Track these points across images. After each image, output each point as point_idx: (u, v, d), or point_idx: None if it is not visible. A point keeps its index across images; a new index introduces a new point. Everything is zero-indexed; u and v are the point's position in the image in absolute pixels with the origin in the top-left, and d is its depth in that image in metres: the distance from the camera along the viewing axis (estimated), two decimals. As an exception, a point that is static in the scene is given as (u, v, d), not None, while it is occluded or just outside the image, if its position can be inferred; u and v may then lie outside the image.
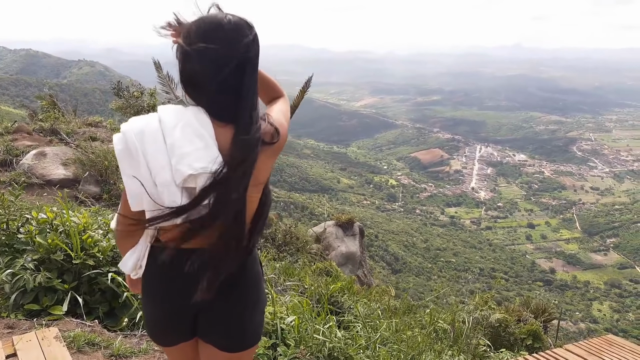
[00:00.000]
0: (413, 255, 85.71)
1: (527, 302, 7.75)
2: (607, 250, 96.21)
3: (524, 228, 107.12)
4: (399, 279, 73.44)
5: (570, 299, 76.49)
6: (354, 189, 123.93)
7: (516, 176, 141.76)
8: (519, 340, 5.78)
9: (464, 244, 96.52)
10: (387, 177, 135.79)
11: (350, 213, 21.43)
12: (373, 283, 22.93)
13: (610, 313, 73.85)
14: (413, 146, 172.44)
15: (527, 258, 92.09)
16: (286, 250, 8.66)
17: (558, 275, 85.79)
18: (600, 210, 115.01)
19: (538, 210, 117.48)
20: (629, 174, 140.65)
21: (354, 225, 18.36)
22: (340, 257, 16.90)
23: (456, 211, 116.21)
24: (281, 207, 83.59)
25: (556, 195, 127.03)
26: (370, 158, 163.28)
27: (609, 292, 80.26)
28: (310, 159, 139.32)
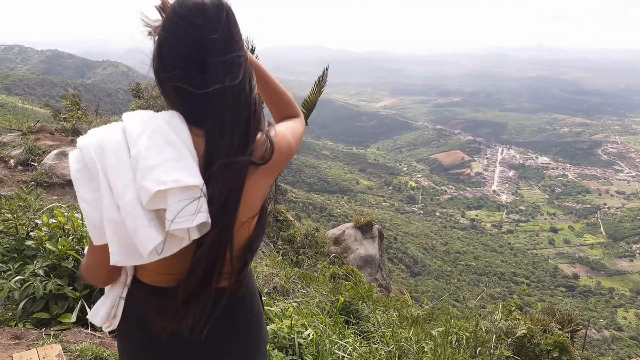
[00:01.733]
0: (432, 258, 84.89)
1: (553, 311, 7.48)
2: (633, 256, 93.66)
3: (547, 232, 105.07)
4: (418, 282, 72.81)
5: (594, 306, 74.69)
6: (373, 191, 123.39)
7: (539, 179, 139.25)
8: (544, 352, 5.56)
9: (484, 247, 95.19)
10: (407, 178, 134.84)
11: (369, 215, 21.23)
12: (392, 286, 22.68)
13: (635, 321, 71.82)
14: (433, 148, 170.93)
15: (549, 263, 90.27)
16: (305, 253, 8.54)
17: (582, 281, 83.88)
18: (626, 215, 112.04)
19: (561, 214, 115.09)
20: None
21: (373, 227, 18.17)
22: (359, 260, 16.73)
23: (477, 214, 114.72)
24: (300, 208, 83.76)
25: (580, 199, 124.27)
26: (390, 159, 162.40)
27: (634, 299, 78.13)
28: (329, 160, 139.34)
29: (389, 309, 5.05)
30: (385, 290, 19.52)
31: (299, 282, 4.68)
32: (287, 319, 2.90)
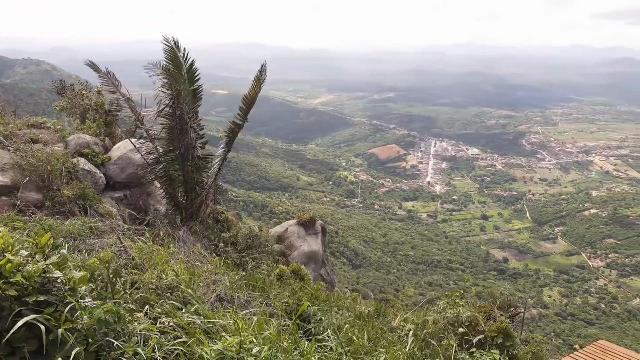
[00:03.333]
0: (373, 250, 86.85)
1: (494, 297, 7.74)
2: (555, 238, 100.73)
3: (478, 220, 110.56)
4: (360, 274, 74.32)
5: (522, 287, 79.61)
6: (313, 186, 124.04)
7: (469, 170, 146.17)
8: (489, 339, 5.70)
9: (421, 237, 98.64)
10: (346, 173, 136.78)
11: (310, 211, 21.20)
12: (335, 280, 22.81)
13: (559, 298, 77.48)
14: (370, 142, 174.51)
15: (481, 249, 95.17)
16: (248, 254, 8.29)
17: (511, 264, 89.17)
18: (549, 200, 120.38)
19: (491, 202, 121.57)
20: (574, 165, 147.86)
21: (315, 223, 18.10)
22: (303, 256, 16.61)
23: (413, 205, 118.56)
24: (241, 207, 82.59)
25: (507, 187, 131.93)
26: (329, 155, 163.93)
27: (557, 278, 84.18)
28: (269, 157, 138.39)
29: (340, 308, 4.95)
30: (330, 285, 19.59)
31: (244, 287, 4.45)
32: (235, 336, 2.66)
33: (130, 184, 11.18)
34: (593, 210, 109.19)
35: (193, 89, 9.62)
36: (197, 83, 9.81)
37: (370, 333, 4.27)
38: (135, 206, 10.89)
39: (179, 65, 9.08)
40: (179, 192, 10.00)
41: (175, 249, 5.60)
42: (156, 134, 9.69)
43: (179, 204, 9.99)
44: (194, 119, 9.51)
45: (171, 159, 9.58)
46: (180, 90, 9.05)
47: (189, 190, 9.68)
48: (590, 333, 66.57)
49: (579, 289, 80.00)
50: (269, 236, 15.54)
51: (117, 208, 9.94)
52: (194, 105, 9.63)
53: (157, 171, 9.60)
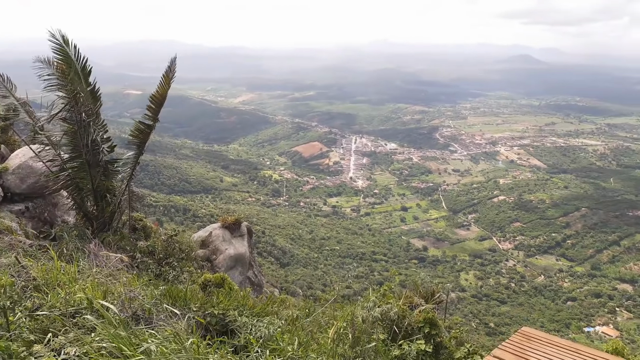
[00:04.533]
0: (300, 247, 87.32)
1: (417, 287, 7.99)
2: (469, 225, 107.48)
3: (399, 211, 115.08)
4: (288, 272, 74.38)
5: (441, 273, 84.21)
6: (238, 187, 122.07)
7: (389, 164, 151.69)
8: (416, 330, 5.85)
9: (346, 231, 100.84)
10: (271, 172, 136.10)
11: (236, 212, 20.72)
12: (264, 281, 22.53)
13: (475, 281, 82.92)
14: (293, 141, 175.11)
15: (402, 239, 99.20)
16: (169, 263, 7.82)
17: (430, 252, 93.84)
18: (462, 190, 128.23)
19: (409, 194, 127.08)
20: (482, 155, 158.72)
21: (241, 225, 17.70)
22: (229, 260, 16.18)
23: (337, 201, 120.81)
24: (161, 212, 79.21)
25: (424, 179, 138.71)
26: (253, 154, 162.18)
27: (473, 262, 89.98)
28: (189, 159, 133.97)
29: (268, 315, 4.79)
30: (258, 287, 19.29)
31: (165, 301, 4.13)
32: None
33: (32, 195, 10.18)
34: (501, 197, 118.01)
35: (91, 89, 8.87)
36: (94, 83, 9.03)
37: (301, 337, 4.17)
38: (40, 219, 9.95)
39: (70, 64, 8.32)
40: (88, 202, 9.25)
41: (86, 265, 5.12)
42: (59, 139, 8.87)
43: (89, 214, 9.24)
44: (97, 122, 8.81)
45: (77, 166, 8.82)
46: (76, 91, 8.32)
47: (99, 199, 8.98)
48: (503, 311, 71.94)
49: (492, 271, 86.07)
50: (192, 241, 14.95)
51: (18, 222, 9.00)
52: (95, 106, 8.89)
53: (61, 180, 8.80)
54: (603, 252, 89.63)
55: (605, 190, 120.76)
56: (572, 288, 79.09)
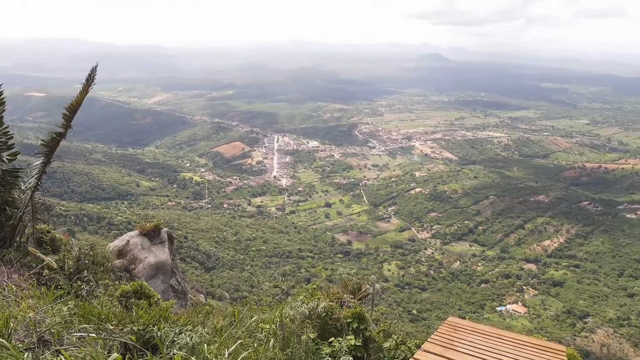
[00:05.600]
0: (225, 249, 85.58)
1: (345, 282, 8.10)
2: (389, 217, 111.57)
3: (323, 208, 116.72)
4: (213, 276, 72.62)
5: (365, 265, 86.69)
6: (156, 191, 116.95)
7: (311, 161, 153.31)
8: (345, 325, 5.92)
9: (272, 230, 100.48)
10: (191, 174, 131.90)
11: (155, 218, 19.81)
12: (188, 288, 21.78)
13: (397, 270, 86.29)
14: (214, 141, 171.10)
15: (327, 234, 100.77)
16: (82, 277, 7.23)
17: (354, 246, 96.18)
18: (381, 184, 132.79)
19: (333, 190, 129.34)
20: (399, 150, 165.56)
21: (161, 231, 16.93)
22: (149, 269, 15.41)
23: (262, 200, 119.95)
24: (72, 222, 73.83)
25: (346, 175, 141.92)
26: (171, 157, 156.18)
27: (394, 253, 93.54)
28: (102, 164, 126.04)
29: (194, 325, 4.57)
30: (182, 294, 18.58)
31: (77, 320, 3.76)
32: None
33: None
34: (417, 189, 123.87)
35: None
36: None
37: (229, 345, 4.04)
38: None
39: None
40: (-16, 216, 8.31)
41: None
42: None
43: (-14, 230, 8.31)
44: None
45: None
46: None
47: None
48: (424, 297, 75.63)
49: (412, 260, 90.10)
50: (108, 252, 14.05)
51: None
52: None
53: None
54: (510, 236, 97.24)
55: (510, 179, 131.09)
56: (484, 271, 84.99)
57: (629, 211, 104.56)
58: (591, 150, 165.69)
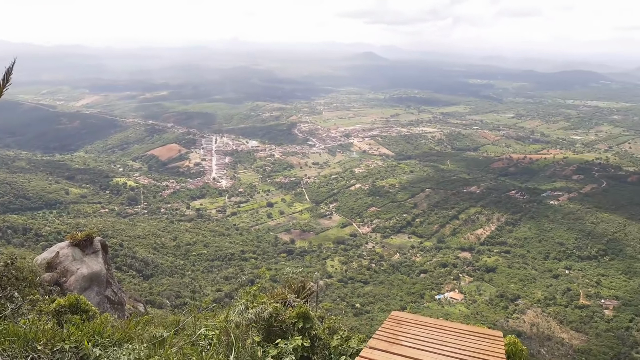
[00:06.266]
0: (164, 255, 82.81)
1: (289, 282, 8.08)
2: (331, 214, 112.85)
3: (265, 208, 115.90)
4: (153, 284, 70.06)
5: (309, 262, 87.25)
6: (87, 198, 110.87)
7: (251, 162, 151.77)
8: (290, 326, 5.90)
9: (213, 233, 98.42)
10: (125, 179, 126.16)
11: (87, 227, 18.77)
12: (125, 298, 20.83)
13: (340, 266, 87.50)
14: (148, 144, 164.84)
15: (270, 234, 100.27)
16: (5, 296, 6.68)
17: (297, 244, 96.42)
18: (322, 181, 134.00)
19: (274, 190, 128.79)
20: (338, 148, 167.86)
21: (94, 241, 16.08)
22: (82, 280, 14.58)
23: (201, 203, 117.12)
24: (-8, 235, 68.43)
25: (287, 174, 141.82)
26: (103, 162, 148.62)
27: (337, 248, 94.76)
28: (27, 172, 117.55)
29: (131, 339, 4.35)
30: (119, 305, 17.74)
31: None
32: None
33: None
34: (357, 185, 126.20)
35: None
36: None
37: (170, 357, 3.89)
38: None
39: None
40: None
41: None
42: None
43: None
44: None
45: None
46: None
47: None
48: (367, 291, 77.29)
49: (354, 255, 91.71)
50: (35, 265, 13.15)
51: None
52: None
53: None
54: (446, 227, 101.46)
55: (444, 172, 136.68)
56: (423, 261, 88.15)
57: (552, 198, 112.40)
58: (517, 142, 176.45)
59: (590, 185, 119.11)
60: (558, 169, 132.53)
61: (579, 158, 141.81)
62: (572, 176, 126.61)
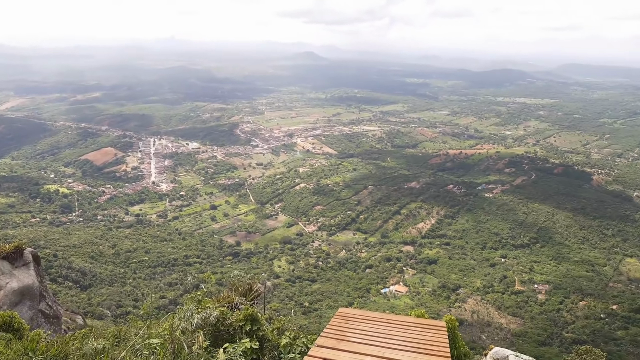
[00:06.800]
0: (102, 264, 79.14)
1: (236, 285, 8.00)
2: (276, 214, 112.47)
3: (208, 211, 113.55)
4: (91, 294, 66.80)
5: (256, 264, 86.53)
6: (15, 208, 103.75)
7: (193, 164, 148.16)
8: (238, 329, 5.86)
9: (154, 239, 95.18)
10: (57, 186, 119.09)
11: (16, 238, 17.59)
12: (61, 311, 19.74)
13: (287, 266, 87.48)
14: (81, 148, 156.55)
15: (215, 238, 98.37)
16: None
17: (243, 246, 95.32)
18: (266, 182, 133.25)
19: (217, 192, 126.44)
20: (282, 147, 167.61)
21: (24, 253, 15.11)
22: (12, 295, 13.66)
23: (141, 208, 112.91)
24: None
25: (230, 175, 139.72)
26: (32, 168, 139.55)
27: (283, 248, 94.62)
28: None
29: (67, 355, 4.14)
30: (55, 319, 16.79)
31: None
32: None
33: None
34: (302, 185, 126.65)
35: None
36: None
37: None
38: None
39: None
40: None
41: None
42: None
43: None
44: None
45: None
46: None
47: None
48: (314, 289, 77.80)
49: (301, 254, 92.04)
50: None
51: None
52: None
53: None
54: (389, 222, 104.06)
55: (385, 169, 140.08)
56: (368, 257, 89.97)
57: (487, 191, 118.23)
58: (453, 138, 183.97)
59: (521, 178, 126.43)
60: (491, 163, 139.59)
61: (510, 152, 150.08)
62: (504, 169, 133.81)
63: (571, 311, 68.06)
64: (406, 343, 5.85)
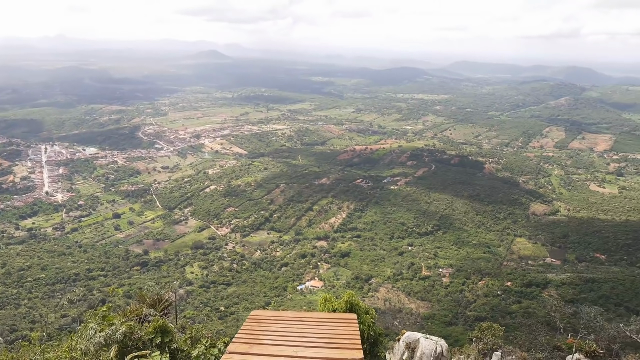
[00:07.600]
0: (-10, 287, 71.20)
1: (143, 297, 7.66)
2: (186, 219, 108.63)
3: (111, 220, 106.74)
4: (-22, 322, 59.83)
5: (167, 272, 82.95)
6: None
7: (91, 170, 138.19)
8: (148, 342, 5.64)
9: (50, 254, 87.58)
10: None
11: None
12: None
13: (200, 271, 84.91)
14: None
15: (120, 248, 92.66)
16: None
17: (152, 255, 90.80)
18: (174, 185, 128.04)
19: (120, 199, 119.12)
20: (189, 149, 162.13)
21: None
22: None
23: (34, 222, 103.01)
24: None
25: (133, 181, 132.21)
26: None
27: (195, 254, 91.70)
28: None
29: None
30: None
31: None
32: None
33: None
34: (212, 187, 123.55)
35: None
36: None
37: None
38: None
39: None
40: None
41: None
42: None
43: None
44: None
45: None
46: None
47: None
48: (230, 292, 76.44)
49: (215, 258, 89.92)
50: None
51: None
52: None
53: None
54: (302, 219, 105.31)
55: (296, 167, 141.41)
56: (283, 255, 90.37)
57: (392, 183, 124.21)
58: (358, 134, 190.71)
59: (422, 169, 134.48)
60: (395, 157, 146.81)
61: (411, 146, 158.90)
62: (406, 162, 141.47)
63: (472, 291, 73.84)
64: (319, 339, 5.98)
